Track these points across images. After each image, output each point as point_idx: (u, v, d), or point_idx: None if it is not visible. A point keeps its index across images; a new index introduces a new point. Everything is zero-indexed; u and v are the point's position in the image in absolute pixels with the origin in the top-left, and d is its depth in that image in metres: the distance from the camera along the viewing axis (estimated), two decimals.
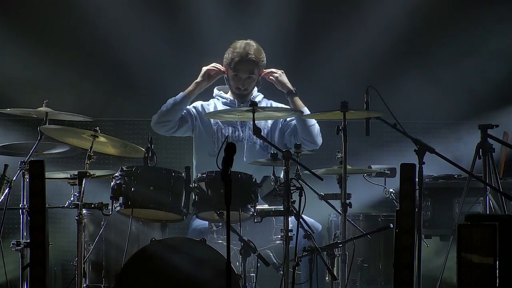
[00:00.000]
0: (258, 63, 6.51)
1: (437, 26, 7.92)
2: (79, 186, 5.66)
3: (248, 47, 6.52)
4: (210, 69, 6.55)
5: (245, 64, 6.50)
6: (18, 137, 7.45)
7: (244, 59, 6.49)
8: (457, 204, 6.74)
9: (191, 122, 6.59)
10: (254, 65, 6.50)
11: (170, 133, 6.59)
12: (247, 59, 6.49)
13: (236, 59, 6.49)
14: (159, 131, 6.55)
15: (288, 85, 6.54)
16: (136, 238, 5.83)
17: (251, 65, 6.50)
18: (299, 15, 7.81)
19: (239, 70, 6.52)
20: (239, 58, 6.49)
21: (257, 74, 6.54)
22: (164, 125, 6.53)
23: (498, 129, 6.51)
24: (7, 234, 7.22)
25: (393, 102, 5.80)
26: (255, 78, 6.56)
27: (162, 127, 6.54)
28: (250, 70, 6.51)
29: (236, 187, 5.52)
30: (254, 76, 6.54)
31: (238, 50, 6.50)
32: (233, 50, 6.52)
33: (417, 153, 5.53)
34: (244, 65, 6.50)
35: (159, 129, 6.54)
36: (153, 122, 6.54)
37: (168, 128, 6.55)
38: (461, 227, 4.77)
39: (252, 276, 5.73)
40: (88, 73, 7.88)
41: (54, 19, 7.85)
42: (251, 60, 6.49)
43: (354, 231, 6.11)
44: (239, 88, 6.56)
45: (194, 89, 6.54)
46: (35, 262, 5.12)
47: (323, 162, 6.61)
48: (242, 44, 6.54)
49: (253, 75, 6.53)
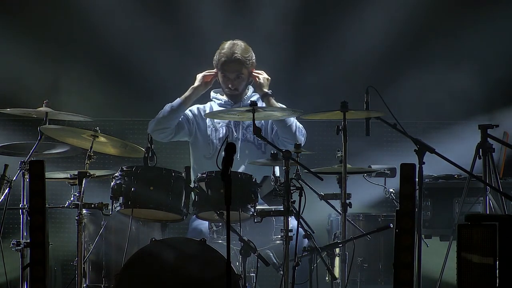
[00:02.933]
0: (244, 62, 6.53)
1: (437, 26, 7.92)
2: (79, 186, 5.66)
3: (234, 47, 6.55)
4: (206, 75, 6.56)
5: (231, 64, 6.52)
6: (18, 137, 7.44)
7: (230, 59, 6.51)
8: (457, 204, 6.74)
9: (187, 128, 6.60)
10: (241, 64, 6.53)
11: (167, 139, 6.60)
12: (233, 59, 6.51)
13: (222, 59, 6.52)
14: (156, 138, 6.48)
15: (263, 88, 6.54)
16: (136, 238, 5.83)
17: (237, 65, 6.52)
18: (299, 15, 7.80)
19: (226, 70, 6.54)
20: (225, 59, 6.52)
21: (246, 73, 6.56)
22: (161, 132, 6.54)
23: (498, 129, 6.51)
24: (7, 234, 7.21)
25: (393, 102, 5.80)
26: (244, 78, 6.57)
27: (159, 134, 6.54)
28: (237, 70, 6.54)
29: (236, 187, 5.52)
30: (243, 76, 6.56)
31: (224, 51, 6.54)
32: (220, 51, 6.56)
33: (417, 153, 5.53)
34: (230, 65, 6.53)
35: (156, 136, 6.51)
36: (150, 129, 6.55)
37: (165, 135, 6.56)
38: (461, 227, 4.77)
39: (252, 276, 5.73)
40: (88, 73, 7.88)
41: (54, 19, 7.85)
42: (237, 59, 6.51)
43: (354, 231, 6.11)
44: (230, 88, 6.57)
45: (190, 94, 6.55)
46: (35, 262, 5.12)
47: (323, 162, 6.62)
48: (228, 44, 6.57)
49: (241, 74, 6.55)
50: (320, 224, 6.34)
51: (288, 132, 6.49)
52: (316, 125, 7.28)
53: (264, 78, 6.58)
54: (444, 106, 7.88)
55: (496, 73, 7.80)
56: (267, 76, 6.59)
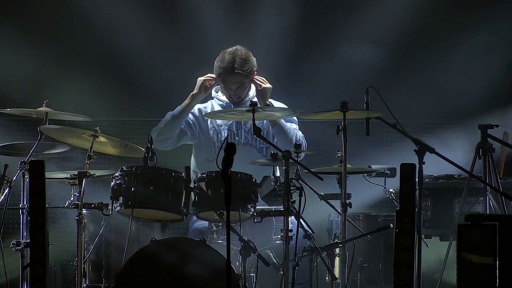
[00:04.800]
0: (245, 74, 6.46)
1: (437, 26, 7.92)
2: (79, 186, 5.66)
3: (234, 59, 6.43)
4: (207, 79, 6.52)
5: (231, 77, 6.46)
6: (18, 137, 7.45)
7: (230, 73, 6.44)
8: (457, 204, 6.74)
9: (190, 133, 6.58)
10: (242, 77, 6.46)
11: (170, 148, 6.57)
12: (234, 73, 6.45)
13: (223, 73, 6.46)
14: (158, 148, 6.44)
15: (265, 100, 6.50)
16: (136, 238, 5.83)
17: (238, 77, 6.46)
18: (299, 15, 7.80)
19: (227, 83, 6.49)
20: (226, 73, 6.45)
21: (248, 82, 6.50)
22: (163, 142, 6.50)
23: (498, 129, 6.50)
24: (7, 234, 7.21)
25: (393, 102, 5.80)
26: (246, 86, 6.52)
27: (162, 145, 6.50)
28: (238, 82, 6.48)
29: (236, 187, 5.52)
30: (245, 85, 6.51)
31: (224, 65, 6.44)
32: (220, 63, 6.46)
33: (417, 153, 5.53)
34: (230, 78, 6.46)
35: (158, 146, 6.46)
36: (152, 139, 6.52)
37: (168, 144, 6.52)
38: (461, 227, 4.77)
39: (252, 276, 5.73)
40: (88, 73, 7.88)
41: (54, 19, 7.85)
42: (237, 73, 6.45)
43: (354, 231, 6.11)
44: (232, 98, 6.55)
45: (191, 102, 6.50)
46: (35, 262, 5.12)
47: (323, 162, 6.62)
48: (228, 56, 6.45)
49: (243, 84, 6.50)
50: (320, 224, 6.34)
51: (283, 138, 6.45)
52: (316, 125, 7.28)
53: (266, 88, 6.54)
54: (444, 106, 7.89)
55: (496, 73, 7.80)
56: (269, 85, 6.55)
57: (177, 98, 6.60)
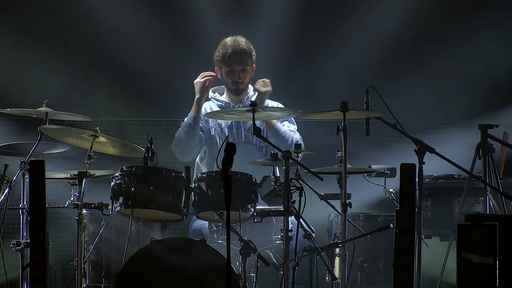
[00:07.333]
0: (250, 53, 6.56)
1: (436, 27, 7.92)
2: (79, 186, 5.66)
3: (237, 39, 6.58)
4: (204, 80, 6.53)
5: (238, 56, 6.53)
6: (18, 137, 7.44)
7: (237, 50, 6.53)
8: (457, 204, 6.74)
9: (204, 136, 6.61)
10: (247, 55, 6.55)
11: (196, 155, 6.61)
12: (240, 50, 6.53)
13: (229, 51, 6.53)
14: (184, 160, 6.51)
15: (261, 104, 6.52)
16: (136, 238, 5.83)
17: (244, 56, 6.54)
18: (299, 15, 7.81)
19: (233, 63, 6.54)
20: (232, 50, 6.53)
21: (250, 66, 6.58)
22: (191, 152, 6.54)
23: (498, 129, 6.50)
24: (7, 234, 7.21)
25: (393, 102, 5.80)
26: (249, 71, 6.59)
27: (189, 156, 6.55)
28: (243, 61, 6.54)
29: (236, 187, 5.53)
30: (248, 68, 6.57)
31: (229, 44, 6.55)
32: (224, 45, 6.57)
33: (417, 153, 5.53)
34: (237, 57, 6.53)
35: (185, 158, 6.53)
36: (177, 155, 6.54)
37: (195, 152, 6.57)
38: (461, 227, 4.77)
39: (252, 276, 5.73)
40: (88, 73, 7.88)
41: (54, 19, 7.85)
42: (243, 50, 6.54)
43: (354, 231, 6.11)
44: (237, 82, 6.56)
45: (198, 106, 6.53)
46: (35, 262, 5.12)
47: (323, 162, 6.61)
48: (231, 38, 6.59)
49: (247, 66, 6.56)
50: (320, 224, 6.34)
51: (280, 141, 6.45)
52: (316, 125, 7.28)
53: (267, 90, 6.56)
54: (444, 106, 7.89)
55: (496, 73, 7.80)
56: (268, 89, 6.57)
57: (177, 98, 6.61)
